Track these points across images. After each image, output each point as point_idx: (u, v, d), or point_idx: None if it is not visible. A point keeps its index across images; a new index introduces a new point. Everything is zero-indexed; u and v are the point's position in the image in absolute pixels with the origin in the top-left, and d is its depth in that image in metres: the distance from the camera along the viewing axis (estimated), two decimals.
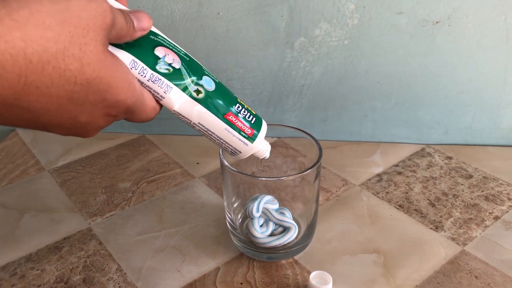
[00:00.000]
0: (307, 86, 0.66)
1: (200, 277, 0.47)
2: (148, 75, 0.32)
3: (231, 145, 0.38)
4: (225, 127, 0.37)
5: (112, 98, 0.28)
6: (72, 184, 0.62)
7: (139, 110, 0.32)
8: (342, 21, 0.60)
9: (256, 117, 0.39)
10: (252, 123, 0.39)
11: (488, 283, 0.46)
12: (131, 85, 0.30)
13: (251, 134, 0.38)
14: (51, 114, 0.27)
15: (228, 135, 0.37)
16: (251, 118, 0.39)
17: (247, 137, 0.38)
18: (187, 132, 0.72)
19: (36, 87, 0.25)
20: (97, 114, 0.29)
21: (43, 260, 0.50)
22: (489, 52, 0.60)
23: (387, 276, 0.47)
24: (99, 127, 0.31)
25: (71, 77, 0.26)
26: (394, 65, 0.63)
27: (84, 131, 0.30)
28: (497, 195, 0.57)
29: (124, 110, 0.30)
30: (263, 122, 0.40)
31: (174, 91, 0.34)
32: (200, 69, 0.36)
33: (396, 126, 0.68)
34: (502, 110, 0.65)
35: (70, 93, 0.26)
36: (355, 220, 0.54)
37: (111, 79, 0.28)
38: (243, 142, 0.38)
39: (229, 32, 0.63)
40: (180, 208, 0.57)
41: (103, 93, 0.28)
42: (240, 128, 0.38)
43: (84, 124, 0.29)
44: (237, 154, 0.39)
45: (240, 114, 0.38)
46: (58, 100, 0.26)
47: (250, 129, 0.38)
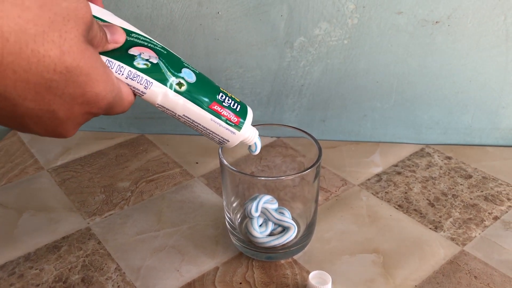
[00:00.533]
0: (306, 86, 0.66)
1: (199, 276, 0.47)
2: (126, 73, 0.32)
3: (218, 135, 0.38)
4: (210, 118, 0.37)
5: (91, 91, 0.27)
6: (71, 184, 0.61)
7: (118, 105, 0.31)
8: (341, 21, 0.60)
9: (241, 104, 0.39)
10: (237, 111, 0.38)
11: (488, 283, 0.46)
12: (110, 78, 0.29)
13: (238, 122, 0.38)
14: (28, 103, 0.26)
15: (214, 125, 0.37)
16: (236, 106, 0.38)
17: (234, 125, 0.38)
18: (186, 132, 0.72)
19: (13, 70, 0.24)
20: (77, 110, 0.28)
21: (42, 260, 0.50)
22: (489, 52, 0.60)
23: (386, 276, 0.47)
24: (78, 124, 0.30)
25: (50, 64, 0.25)
26: (394, 65, 0.63)
27: (62, 129, 0.29)
28: (496, 195, 0.57)
29: (104, 106, 0.29)
30: (248, 109, 0.40)
31: (155, 85, 0.33)
32: (178, 62, 0.36)
33: (396, 126, 0.68)
34: (501, 111, 0.65)
35: (49, 81, 0.25)
36: (354, 220, 0.54)
37: (90, 70, 0.27)
38: (230, 131, 0.38)
39: (228, 31, 0.63)
40: (179, 208, 0.57)
41: (82, 85, 0.27)
42: (226, 117, 0.37)
43: (63, 120, 0.28)
44: (225, 143, 0.39)
45: (225, 102, 0.37)
46: (35, 88, 0.25)
47: (236, 117, 0.38)
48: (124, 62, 0.32)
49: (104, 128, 0.73)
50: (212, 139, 0.39)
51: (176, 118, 0.36)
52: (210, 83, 0.38)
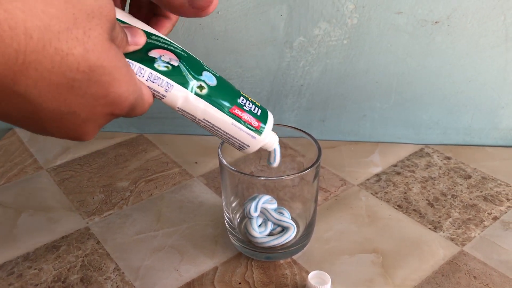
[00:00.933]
0: (306, 86, 0.66)
1: (198, 276, 0.47)
2: (147, 75, 0.32)
3: (238, 140, 0.37)
4: (231, 122, 0.36)
5: (114, 92, 0.26)
6: (70, 183, 0.61)
7: (139, 107, 0.30)
8: (341, 21, 0.60)
9: (262, 108, 0.39)
10: (259, 115, 0.38)
11: (487, 283, 0.46)
12: (133, 79, 0.28)
13: (259, 127, 0.37)
14: (49, 105, 0.24)
15: (235, 130, 0.36)
16: (257, 110, 0.38)
17: (255, 130, 0.37)
18: (186, 132, 0.72)
19: (35, 69, 0.22)
20: (99, 111, 0.27)
21: (41, 259, 0.50)
22: (488, 52, 0.60)
23: (385, 276, 0.47)
24: (99, 125, 0.28)
25: (74, 63, 0.23)
26: (393, 65, 0.63)
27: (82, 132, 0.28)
28: (495, 196, 0.57)
29: (127, 108, 0.28)
30: (269, 114, 0.39)
31: (175, 88, 0.33)
32: (199, 65, 0.35)
33: (395, 126, 0.68)
34: (501, 111, 0.65)
35: (71, 81, 0.24)
36: (353, 220, 0.54)
37: (114, 70, 0.26)
38: (250, 136, 0.37)
39: (228, 31, 0.63)
40: (178, 208, 0.57)
41: (105, 85, 0.26)
42: (247, 121, 0.37)
43: (84, 122, 0.27)
44: (245, 149, 0.38)
45: (245, 106, 0.37)
46: (57, 88, 0.24)
47: (257, 122, 0.37)
48: (145, 64, 0.32)
49: (104, 127, 0.73)
50: (232, 144, 0.38)
51: (196, 122, 0.35)
52: (230, 87, 0.37)
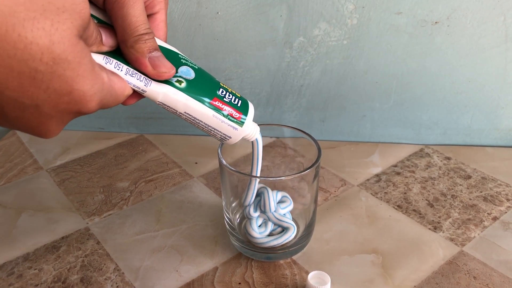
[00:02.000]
0: (306, 86, 0.66)
1: (198, 277, 0.47)
2: (125, 69, 0.32)
3: (220, 131, 0.38)
4: (212, 114, 0.36)
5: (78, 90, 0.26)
6: (70, 184, 0.61)
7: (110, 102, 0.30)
8: (341, 21, 0.60)
9: (242, 99, 0.39)
10: (239, 106, 0.38)
11: (487, 283, 0.46)
12: (99, 77, 0.28)
13: (239, 118, 0.38)
14: (10, 93, 0.24)
15: (216, 121, 0.37)
16: (237, 101, 0.38)
17: (236, 121, 0.38)
18: (186, 132, 0.72)
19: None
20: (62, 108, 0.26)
21: (41, 260, 0.50)
22: (488, 52, 0.60)
23: (385, 277, 0.47)
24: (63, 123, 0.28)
25: (37, 52, 0.23)
26: (393, 65, 0.63)
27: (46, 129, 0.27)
28: (495, 196, 0.57)
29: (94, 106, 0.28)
30: (249, 104, 0.39)
31: (154, 83, 0.33)
32: (176, 59, 0.35)
33: (395, 127, 0.68)
34: (500, 111, 0.65)
35: (34, 72, 0.24)
36: (353, 220, 0.54)
37: (78, 66, 0.25)
38: (232, 127, 0.38)
39: (227, 31, 0.63)
40: (178, 208, 0.57)
41: (69, 81, 0.25)
42: (228, 112, 0.37)
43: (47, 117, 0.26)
44: (227, 140, 0.39)
45: (226, 98, 0.37)
46: (19, 77, 0.24)
47: (238, 113, 0.38)
48: (121, 60, 0.32)
49: (103, 128, 0.73)
50: (213, 136, 0.38)
51: (178, 115, 0.36)
52: (210, 79, 0.37)
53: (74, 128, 0.73)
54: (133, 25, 0.31)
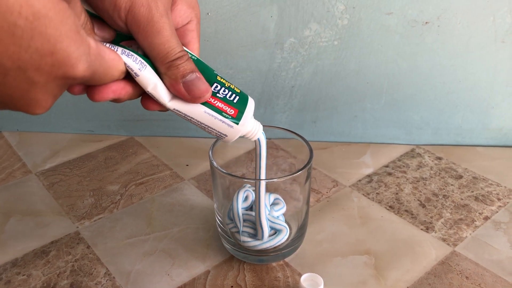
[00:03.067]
0: (297, 87, 0.66)
1: (190, 280, 0.47)
2: (120, 49, 0.30)
3: (214, 129, 0.35)
4: (204, 110, 0.34)
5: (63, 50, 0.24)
6: (60, 187, 0.61)
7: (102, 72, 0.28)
8: (331, 22, 0.60)
9: (240, 95, 0.36)
10: (235, 102, 0.35)
11: (479, 283, 0.46)
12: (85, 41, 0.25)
13: (235, 115, 0.35)
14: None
15: (209, 118, 0.34)
16: (234, 97, 0.36)
17: (231, 118, 0.35)
18: (177, 134, 0.71)
19: None
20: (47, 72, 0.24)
21: (30, 265, 0.49)
22: (478, 52, 0.60)
23: (378, 278, 0.47)
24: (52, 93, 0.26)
25: (15, 4, 0.21)
26: (384, 66, 0.63)
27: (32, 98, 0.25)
28: (486, 196, 0.58)
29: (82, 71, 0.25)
30: (249, 100, 0.37)
31: (148, 70, 0.31)
32: None
33: (386, 127, 0.68)
34: (491, 111, 0.65)
35: (12, 27, 0.22)
36: (345, 221, 0.54)
37: (62, 25, 0.23)
38: (226, 124, 0.35)
39: (218, 32, 0.62)
40: (169, 211, 0.56)
41: (51, 40, 0.23)
42: (221, 108, 0.35)
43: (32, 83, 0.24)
44: (224, 138, 0.36)
45: (219, 94, 0.35)
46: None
47: (232, 109, 0.35)
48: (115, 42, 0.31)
49: (93, 130, 0.73)
50: (209, 133, 0.36)
51: (166, 109, 0.34)
52: (205, 72, 0.35)
53: (63, 131, 0.72)
54: (162, 53, 0.31)
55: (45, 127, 0.73)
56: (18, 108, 0.25)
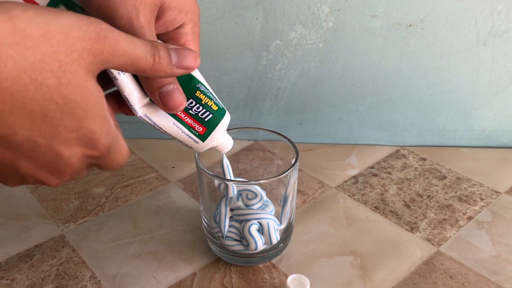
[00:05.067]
0: (283, 89, 0.66)
1: (177, 283, 0.47)
2: None
3: (181, 141, 0.36)
4: (172, 122, 0.35)
5: (87, 127, 0.27)
6: (44, 190, 0.60)
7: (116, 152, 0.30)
8: (317, 24, 0.60)
9: (215, 113, 0.37)
10: (206, 121, 0.36)
11: (462, 282, 0.46)
12: (107, 121, 0.28)
13: (202, 132, 0.36)
14: (24, 131, 0.25)
15: (177, 131, 0.35)
16: (206, 115, 0.36)
17: (197, 135, 0.36)
18: (162, 136, 0.71)
19: (11, 95, 0.24)
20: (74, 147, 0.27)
21: (13, 269, 0.48)
22: (461, 55, 0.61)
23: (364, 278, 0.47)
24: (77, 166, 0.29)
25: (47, 92, 0.24)
26: (369, 68, 0.63)
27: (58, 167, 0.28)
28: (470, 196, 0.58)
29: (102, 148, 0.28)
30: (224, 117, 0.37)
31: (127, 75, 0.32)
32: None
33: (371, 128, 0.68)
34: (474, 112, 0.66)
35: (45, 110, 0.25)
36: (331, 222, 0.54)
37: (88, 108, 0.26)
38: (193, 140, 0.36)
39: (203, 34, 0.62)
40: (155, 213, 0.56)
41: (78, 119, 0.26)
42: (190, 124, 0.35)
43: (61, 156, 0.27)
44: (190, 148, 0.38)
45: (192, 110, 0.35)
46: (31, 115, 0.25)
47: (201, 127, 0.36)
48: None
49: None
50: (176, 140, 0.37)
51: (138, 116, 0.35)
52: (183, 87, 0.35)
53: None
54: None
55: None
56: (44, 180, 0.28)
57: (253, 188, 0.47)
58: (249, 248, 0.46)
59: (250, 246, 0.46)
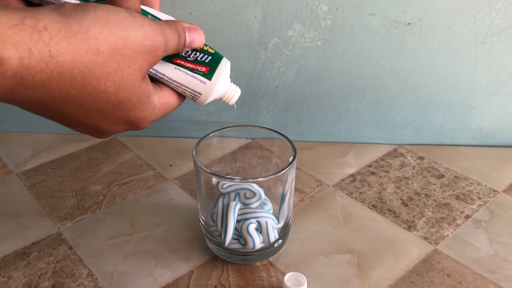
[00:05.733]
0: (281, 87, 0.66)
1: (174, 281, 0.47)
2: None
3: (187, 87, 0.35)
4: (174, 67, 0.35)
5: (133, 116, 0.32)
6: (41, 188, 0.60)
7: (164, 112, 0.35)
8: (315, 22, 0.60)
9: (213, 55, 0.37)
10: (207, 62, 0.36)
11: (459, 281, 0.46)
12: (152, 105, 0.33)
13: (207, 71, 0.36)
14: (79, 118, 0.30)
15: (181, 74, 0.35)
16: (205, 58, 0.36)
17: (203, 74, 0.35)
18: (160, 134, 0.71)
19: (74, 98, 0.27)
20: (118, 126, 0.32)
21: (10, 267, 0.48)
22: (459, 53, 0.61)
23: (361, 276, 0.47)
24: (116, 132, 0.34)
25: (106, 97, 0.29)
26: (367, 66, 0.63)
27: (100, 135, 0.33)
28: (467, 194, 0.58)
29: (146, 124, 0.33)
30: (223, 60, 0.37)
31: None
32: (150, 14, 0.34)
33: (369, 127, 0.68)
34: (472, 111, 0.66)
35: (101, 108, 0.29)
36: (329, 220, 0.54)
37: (138, 103, 0.31)
38: (199, 80, 0.35)
39: None
40: (152, 211, 0.56)
41: (127, 111, 0.31)
42: (192, 68, 0.35)
43: (103, 130, 0.32)
44: (198, 97, 0.36)
45: (190, 57, 0.35)
46: (89, 111, 0.29)
47: (203, 67, 0.36)
48: None
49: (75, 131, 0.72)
50: (184, 93, 0.36)
51: None
52: None
53: (45, 131, 0.72)
54: None
55: (27, 127, 0.72)
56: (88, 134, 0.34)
57: (251, 187, 0.47)
58: (246, 247, 0.46)
59: (247, 245, 0.46)
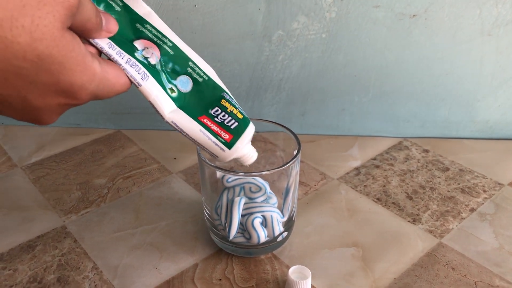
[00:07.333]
0: (285, 80, 0.66)
1: (178, 274, 0.47)
2: (126, 58, 0.31)
3: (207, 149, 0.36)
4: (199, 129, 0.35)
5: (65, 80, 0.26)
6: (46, 181, 0.60)
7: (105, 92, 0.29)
8: (319, 14, 0.60)
9: (241, 121, 0.37)
10: (232, 128, 0.36)
11: (465, 274, 0.46)
12: (89, 68, 0.27)
13: (229, 140, 0.36)
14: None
15: (204, 138, 0.35)
16: (232, 123, 0.36)
17: (224, 142, 0.36)
18: (164, 127, 0.71)
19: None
20: (51, 99, 0.27)
21: (15, 260, 0.48)
22: (465, 45, 0.61)
23: (365, 269, 0.47)
24: (56, 113, 0.28)
25: (19, 51, 0.23)
26: (372, 59, 0.63)
27: (38, 116, 0.28)
28: (472, 188, 0.58)
29: (85, 97, 0.28)
30: (249, 127, 0.37)
31: (150, 81, 0.32)
32: (181, 66, 0.35)
33: (374, 120, 0.68)
34: (477, 104, 0.65)
35: (18, 69, 0.24)
36: (333, 214, 0.54)
37: (65, 60, 0.25)
38: (219, 147, 0.36)
39: (205, 25, 0.62)
40: (157, 205, 0.56)
41: (55, 73, 0.25)
42: (216, 132, 0.35)
43: (37, 108, 0.27)
44: (216, 158, 0.37)
45: (218, 118, 0.35)
46: (4, 74, 0.24)
47: (227, 134, 0.36)
48: (125, 50, 0.31)
49: (80, 124, 0.72)
50: (203, 150, 0.37)
51: (165, 122, 0.35)
52: (209, 94, 0.36)
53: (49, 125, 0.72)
54: None
55: None
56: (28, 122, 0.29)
57: (256, 181, 0.47)
58: (251, 241, 0.46)
59: (252, 239, 0.46)
